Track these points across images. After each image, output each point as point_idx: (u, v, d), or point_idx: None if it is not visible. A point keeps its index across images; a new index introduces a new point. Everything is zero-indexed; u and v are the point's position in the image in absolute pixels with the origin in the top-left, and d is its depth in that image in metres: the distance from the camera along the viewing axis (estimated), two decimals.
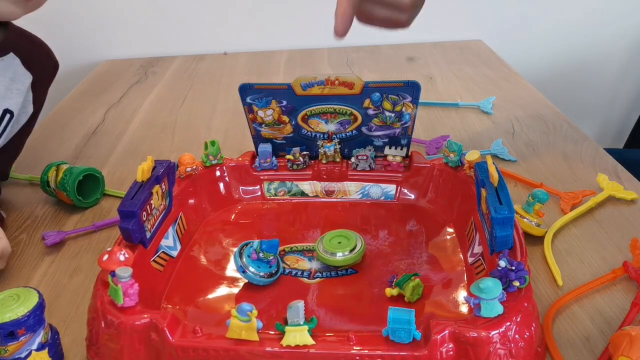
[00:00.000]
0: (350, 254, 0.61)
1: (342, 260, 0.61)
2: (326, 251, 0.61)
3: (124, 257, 0.51)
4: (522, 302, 0.47)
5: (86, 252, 0.72)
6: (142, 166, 0.59)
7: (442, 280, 0.60)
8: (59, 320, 0.60)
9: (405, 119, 0.72)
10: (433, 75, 1.24)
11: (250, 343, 0.45)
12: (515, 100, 1.10)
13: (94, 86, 1.33)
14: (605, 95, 1.60)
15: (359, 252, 0.62)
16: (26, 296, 0.48)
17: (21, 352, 0.48)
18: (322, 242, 0.63)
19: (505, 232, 0.53)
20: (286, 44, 1.49)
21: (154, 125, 1.09)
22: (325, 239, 0.63)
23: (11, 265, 0.70)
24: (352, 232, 0.64)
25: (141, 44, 1.50)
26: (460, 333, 0.44)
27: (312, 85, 0.70)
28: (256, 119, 0.74)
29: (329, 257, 0.61)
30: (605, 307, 0.58)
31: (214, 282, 0.61)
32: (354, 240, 0.63)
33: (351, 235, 0.63)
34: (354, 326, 0.54)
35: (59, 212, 0.81)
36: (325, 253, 0.61)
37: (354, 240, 0.63)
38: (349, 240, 0.63)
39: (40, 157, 0.98)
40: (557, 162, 0.86)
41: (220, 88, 1.26)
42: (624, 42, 1.51)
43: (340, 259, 0.61)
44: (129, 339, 0.48)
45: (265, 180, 0.75)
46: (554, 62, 1.52)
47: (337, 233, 0.64)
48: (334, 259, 0.61)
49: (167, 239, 0.64)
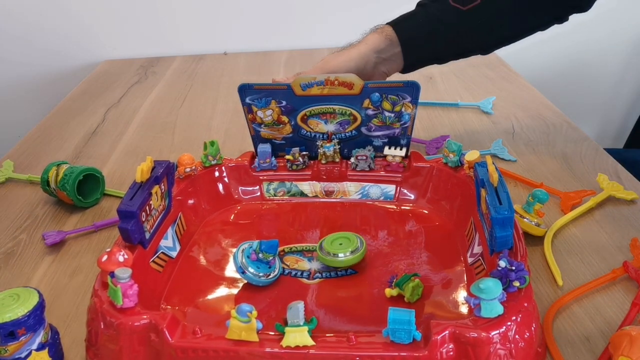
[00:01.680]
0: (351, 254, 0.61)
1: (344, 261, 0.61)
2: (328, 253, 0.61)
3: (123, 258, 0.51)
4: (522, 302, 0.47)
5: (86, 252, 0.72)
6: (142, 167, 0.59)
7: (442, 280, 0.60)
8: (59, 320, 0.60)
9: (404, 119, 0.72)
10: (433, 75, 1.24)
11: (250, 344, 0.45)
12: (515, 100, 1.10)
13: (94, 86, 1.33)
14: (605, 95, 1.60)
15: (360, 252, 0.61)
16: (26, 296, 0.48)
17: (21, 352, 0.48)
18: (323, 244, 0.63)
19: (505, 232, 0.52)
20: (286, 44, 1.49)
21: (154, 125, 1.09)
22: (327, 241, 0.63)
23: (11, 265, 0.70)
24: (352, 234, 0.64)
25: (141, 44, 1.50)
26: (461, 333, 0.44)
27: (312, 85, 0.70)
28: (255, 119, 0.74)
29: (331, 258, 0.61)
30: (605, 307, 0.58)
31: (214, 282, 0.61)
32: (355, 241, 0.63)
33: (352, 236, 0.63)
34: (353, 327, 0.54)
35: (59, 212, 0.81)
36: (327, 255, 0.61)
37: (355, 241, 0.62)
38: (350, 241, 0.62)
39: (40, 157, 0.98)
40: (557, 162, 0.86)
41: (220, 88, 1.26)
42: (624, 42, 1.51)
43: (341, 259, 0.61)
44: (128, 340, 0.48)
45: (265, 180, 0.75)
46: (554, 62, 1.52)
47: (338, 235, 0.64)
48: (336, 260, 0.61)
49: (167, 239, 0.63)
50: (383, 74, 0.80)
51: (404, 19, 0.79)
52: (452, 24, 0.78)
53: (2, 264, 0.70)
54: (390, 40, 0.77)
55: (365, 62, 0.76)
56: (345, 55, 0.76)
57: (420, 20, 0.78)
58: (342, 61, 0.75)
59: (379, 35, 0.77)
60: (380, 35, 0.77)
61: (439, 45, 0.80)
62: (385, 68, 0.79)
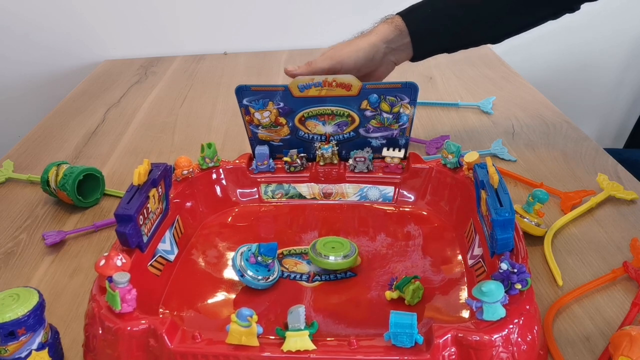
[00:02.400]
0: (343, 259, 0.60)
1: (333, 264, 0.60)
2: (319, 254, 0.61)
3: (121, 262, 0.50)
4: (524, 304, 0.47)
5: (86, 252, 0.72)
6: (139, 169, 0.58)
7: (443, 282, 0.59)
8: (59, 320, 0.60)
9: (403, 120, 0.72)
10: (433, 75, 1.24)
11: (250, 348, 0.45)
12: (515, 100, 1.10)
13: (94, 86, 1.32)
14: (605, 95, 1.60)
15: (352, 258, 0.61)
16: (26, 296, 0.48)
17: (21, 352, 0.48)
18: (316, 244, 0.62)
19: (506, 235, 0.52)
20: (286, 44, 1.49)
21: (154, 125, 1.09)
22: (320, 243, 0.63)
23: (11, 265, 0.70)
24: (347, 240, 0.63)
25: (141, 44, 1.50)
26: (463, 337, 0.44)
27: (309, 86, 0.70)
28: (253, 121, 0.74)
29: (322, 259, 0.60)
30: (605, 307, 0.58)
31: (212, 286, 0.61)
32: (348, 247, 0.62)
33: (346, 242, 0.63)
34: (354, 330, 0.54)
35: (59, 212, 0.81)
36: (317, 255, 0.61)
37: (348, 247, 0.62)
38: (343, 246, 0.62)
39: (40, 157, 0.98)
40: (557, 162, 0.86)
41: (220, 88, 1.25)
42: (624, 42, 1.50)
43: (332, 262, 0.60)
44: (126, 345, 0.47)
45: (263, 182, 0.75)
46: (554, 62, 1.52)
47: (332, 239, 0.63)
48: (327, 262, 0.60)
49: (164, 242, 0.63)
50: (392, 64, 0.80)
51: (413, 10, 0.79)
52: (459, 17, 0.78)
53: (2, 264, 0.70)
54: (400, 30, 0.77)
55: (374, 52, 0.76)
56: (354, 44, 0.76)
57: (428, 11, 0.79)
58: (352, 50, 0.75)
59: (388, 26, 0.77)
60: (390, 26, 0.77)
61: (447, 37, 0.80)
62: (394, 58, 0.79)
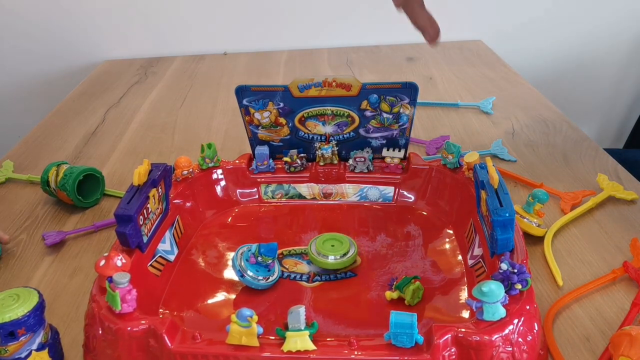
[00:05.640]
0: (342, 258, 0.61)
1: (334, 264, 0.60)
2: (318, 253, 0.61)
3: (121, 263, 0.50)
4: (525, 305, 0.47)
5: (86, 252, 0.72)
6: (139, 170, 0.58)
7: (443, 282, 0.59)
8: (59, 320, 0.60)
9: (402, 121, 0.72)
10: (433, 75, 1.23)
11: (250, 349, 0.45)
12: (515, 100, 1.10)
13: (94, 86, 1.33)
14: (605, 95, 1.60)
15: (351, 256, 0.61)
16: (26, 296, 0.48)
17: (21, 352, 0.48)
18: (314, 243, 0.63)
19: (506, 235, 0.52)
20: (286, 44, 1.49)
21: (154, 125, 1.09)
22: (318, 241, 0.63)
23: (11, 265, 0.70)
24: (345, 237, 0.64)
25: (141, 44, 1.50)
26: (463, 337, 0.44)
27: (309, 87, 0.70)
28: (253, 121, 0.74)
29: (321, 259, 0.61)
30: (605, 307, 0.58)
31: (212, 286, 0.61)
32: (347, 244, 0.62)
33: (344, 239, 0.63)
34: (354, 330, 0.54)
35: (59, 212, 0.81)
36: (317, 255, 0.61)
37: (347, 244, 0.62)
38: (342, 244, 0.62)
39: (40, 157, 0.98)
40: (557, 162, 0.86)
41: (220, 88, 1.25)
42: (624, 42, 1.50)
43: (332, 262, 0.60)
44: (127, 346, 0.48)
45: (263, 182, 0.75)
46: (554, 62, 1.52)
47: (330, 236, 0.64)
48: (325, 262, 0.60)
49: (164, 243, 0.63)
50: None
51: None
52: None
53: (2, 264, 0.70)
54: None
55: None
56: None
57: None
58: None
59: None
60: None
61: None
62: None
